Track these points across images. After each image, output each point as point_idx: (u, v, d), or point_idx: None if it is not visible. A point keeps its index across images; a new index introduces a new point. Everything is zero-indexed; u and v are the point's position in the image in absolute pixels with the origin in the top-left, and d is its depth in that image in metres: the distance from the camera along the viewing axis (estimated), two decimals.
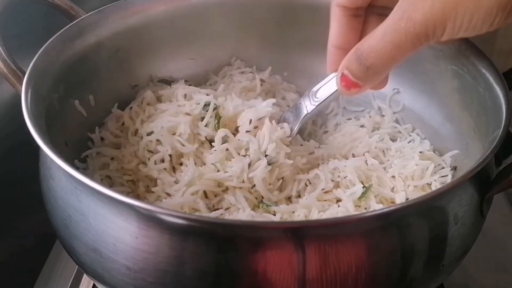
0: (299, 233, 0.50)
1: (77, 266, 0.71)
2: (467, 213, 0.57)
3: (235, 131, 0.74)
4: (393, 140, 0.80)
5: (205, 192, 0.68)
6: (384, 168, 0.73)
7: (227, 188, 0.69)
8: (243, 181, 0.68)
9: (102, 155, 0.74)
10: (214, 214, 0.66)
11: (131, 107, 0.79)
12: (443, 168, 0.73)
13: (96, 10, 0.77)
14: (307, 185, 0.71)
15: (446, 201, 0.54)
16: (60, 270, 0.82)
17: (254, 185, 0.69)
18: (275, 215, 0.66)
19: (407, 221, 0.52)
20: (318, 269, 0.50)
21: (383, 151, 0.77)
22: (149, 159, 0.72)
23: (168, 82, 0.87)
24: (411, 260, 0.53)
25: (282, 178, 0.71)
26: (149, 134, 0.73)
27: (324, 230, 0.51)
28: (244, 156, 0.70)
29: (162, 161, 0.72)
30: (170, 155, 0.71)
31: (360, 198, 0.68)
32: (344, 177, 0.71)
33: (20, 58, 0.67)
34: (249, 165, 0.69)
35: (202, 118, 0.74)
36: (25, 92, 0.61)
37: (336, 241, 0.50)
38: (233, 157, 0.70)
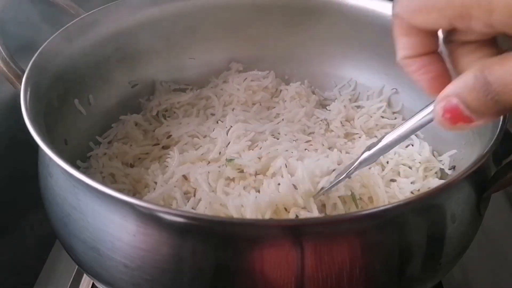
0: (297, 231, 0.50)
1: (77, 266, 0.71)
2: (464, 212, 0.57)
3: None
4: None
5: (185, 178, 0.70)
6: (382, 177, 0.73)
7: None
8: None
9: (108, 155, 0.75)
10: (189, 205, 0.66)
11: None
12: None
13: (95, 9, 0.77)
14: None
15: (443, 200, 0.54)
16: (60, 270, 0.82)
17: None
18: (243, 171, 0.68)
19: (404, 219, 0.52)
20: (315, 266, 0.50)
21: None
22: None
23: (183, 89, 0.88)
24: (409, 258, 0.53)
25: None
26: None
27: (321, 228, 0.51)
28: None
29: None
30: None
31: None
32: None
33: (20, 57, 0.67)
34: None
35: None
36: (24, 91, 0.61)
37: (334, 239, 0.50)
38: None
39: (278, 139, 0.75)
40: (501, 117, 0.59)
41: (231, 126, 0.75)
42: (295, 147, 0.73)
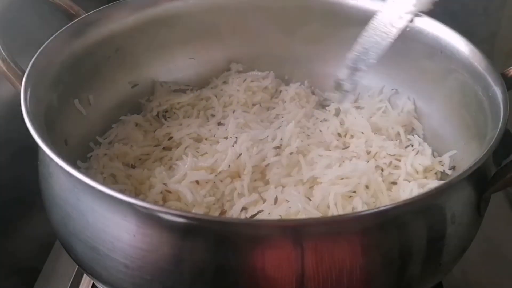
0: (297, 231, 0.50)
1: (77, 266, 0.71)
2: (464, 212, 0.57)
3: None
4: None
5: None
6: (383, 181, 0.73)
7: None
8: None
9: (108, 155, 0.75)
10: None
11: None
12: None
13: (95, 10, 0.77)
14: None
15: (443, 200, 0.54)
16: (60, 270, 0.82)
17: None
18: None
19: (404, 219, 0.52)
20: (316, 266, 0.50)
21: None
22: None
23: (183, 90, 0.88)
24: (409, 258, 0.53)
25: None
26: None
27: (322, 228, 0.51)
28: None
29: None
30: None
31: None
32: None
33: (20, 58, 0.67)
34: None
35: None
36: (24, 91, 0.61)
37: (334, 239, 0.50)
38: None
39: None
40: (501, 117, 0.59)
41: (236, 138, 0.74)
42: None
